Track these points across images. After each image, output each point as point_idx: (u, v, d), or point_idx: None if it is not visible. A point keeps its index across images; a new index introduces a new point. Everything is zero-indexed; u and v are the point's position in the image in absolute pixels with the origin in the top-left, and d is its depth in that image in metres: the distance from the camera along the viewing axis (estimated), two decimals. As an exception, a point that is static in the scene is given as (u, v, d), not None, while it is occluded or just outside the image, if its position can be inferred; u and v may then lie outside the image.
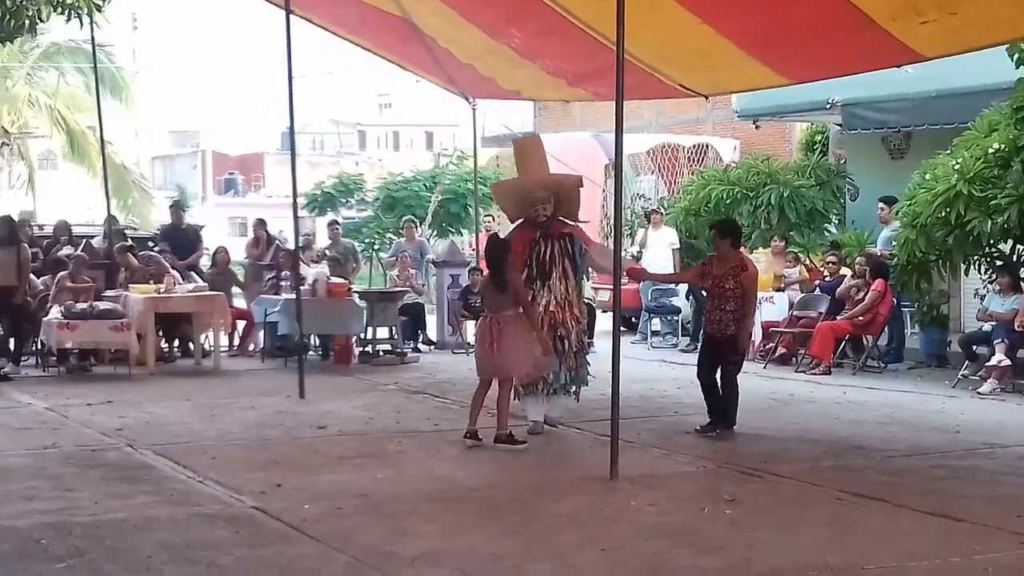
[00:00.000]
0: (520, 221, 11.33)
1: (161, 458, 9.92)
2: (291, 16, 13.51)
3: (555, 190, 11.18)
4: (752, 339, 17.26)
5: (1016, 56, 14.09)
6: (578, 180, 11.71)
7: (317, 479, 9.09)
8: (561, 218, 11.19)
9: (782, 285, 18.02)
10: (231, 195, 72.77)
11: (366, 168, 53.79)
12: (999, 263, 15.07)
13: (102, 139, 20.54)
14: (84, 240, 18.32)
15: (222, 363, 16.53)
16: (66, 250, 17.68)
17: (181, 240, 18.83)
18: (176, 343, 17.67)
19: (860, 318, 15.95)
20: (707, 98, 15.18)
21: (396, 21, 14.98)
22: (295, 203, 14.37)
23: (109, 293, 16.53)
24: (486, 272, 11.39)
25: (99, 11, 16.47)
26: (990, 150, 14.31)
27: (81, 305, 15.49)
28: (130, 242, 18.47)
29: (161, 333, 17.02)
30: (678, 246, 20.04)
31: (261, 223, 20.03)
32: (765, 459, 9.93)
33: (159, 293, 16.20)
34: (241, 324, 18.32)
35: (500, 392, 10.67)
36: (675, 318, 19.56)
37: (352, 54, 17.95)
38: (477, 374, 10.93)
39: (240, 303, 18.78)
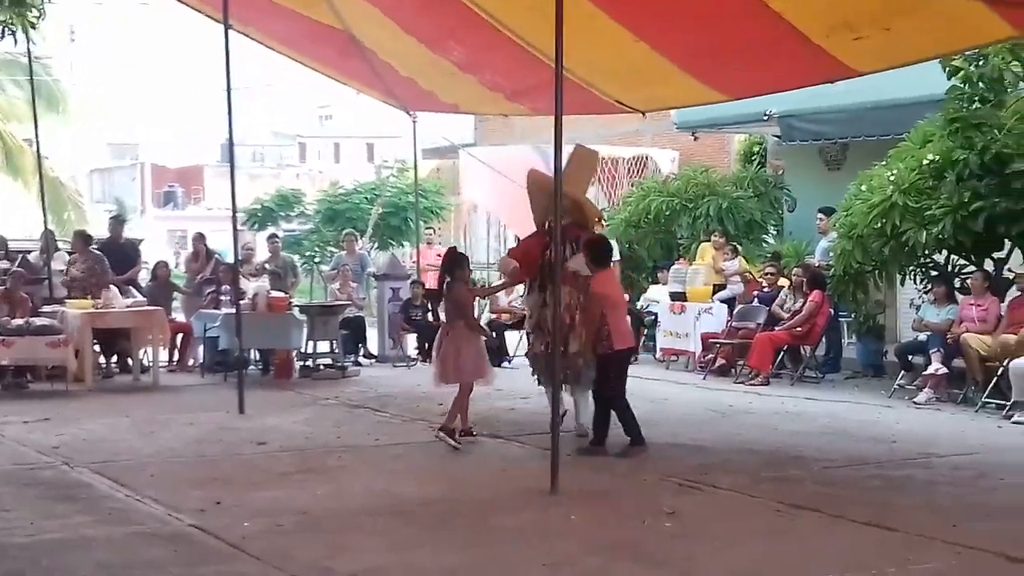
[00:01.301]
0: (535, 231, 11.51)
1: (99, 476, 9.81)
2: (230, 30, 13.44)
3: (578, 207, 11.23)
4: (692, 351, 17.45)
5: (948, 70, 14.27)
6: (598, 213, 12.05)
7: (257, 496, 9.02)
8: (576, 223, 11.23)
9: (723, 280, 18.10)
10: (171, 208, 72.29)
11: (307, 180, 53.72)
12: (934, 273, 15.22)
13: (39, 153, 20.36)
14: (20, 255, 18.13)
15: (161, 378, 16.40)
16: (2, 265, 17.48)
17: (119, 254, 18.65)
18: (114, 359, 17.51)
19: (798, 329, 16.07)
20: (644, 114, 15.22)
21: (336, 34, 14.93)
22: (234, 217, 14.29)
23: (46, 309, 16.34)
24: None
25: (33, 28, 16.31)
26: (924, 162, 14.46)
27: (17, 321, 15.32)
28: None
29: (99, 349, 16.86)
30: (618, 258, 20.03)
31: (201, 237, 19.90)
32: (705, 471, 9.96)
33: (97, 308, 16.05)
34: (180, 337, 18.17)
35: (459, 392, 11.23)
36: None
37: (292, 66, 17.86)
38: (450, 383, 11.39)
39: (179, 317, 18.65)
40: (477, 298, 12.76)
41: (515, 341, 18.21)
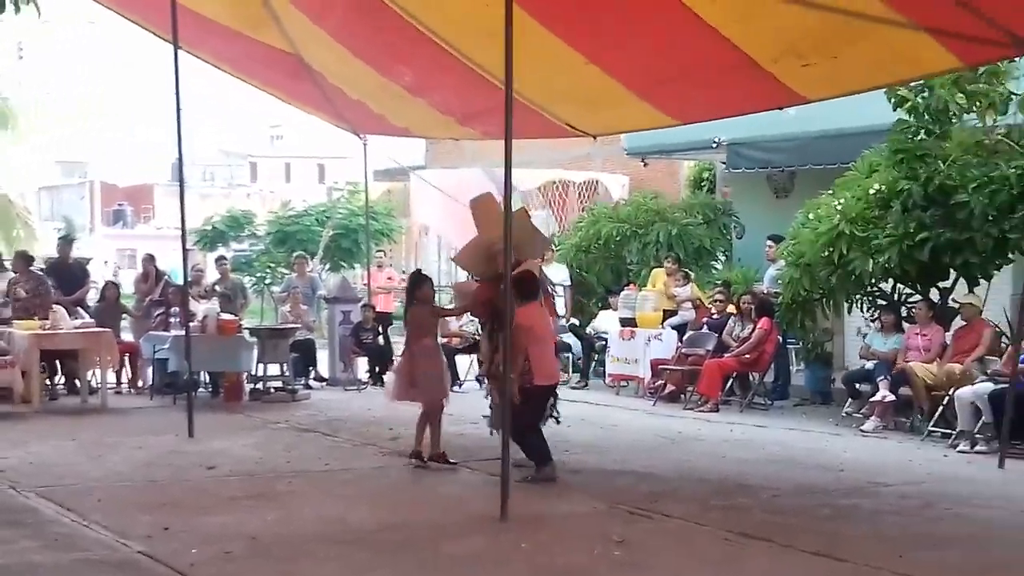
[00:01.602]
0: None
1: (45, 500, 9.69)
2: (179, 50, 13.37)
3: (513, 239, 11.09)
4: (642, 377, 17.47)
5: (893, 100, 14.39)
6: (522, 212, 11.82)
7: (206, 521, 8.94)
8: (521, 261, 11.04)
9: (675, 306, 18.14)
10: (120, 227, 71.84)
11: (257, 201, 53.51)
12: (881, 302, 15.31)
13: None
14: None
15: (109, 400, 16.25)
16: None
17: (68, 275, 18.49)
18: (62, 380, 17.34)
19: (747, 356, 16.12)
20: (595, 138, 15.26)
21: (285, 57, 14.90)
22: (184, 237, 14.20)
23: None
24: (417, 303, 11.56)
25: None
26: (871, 191, 14.55)
27: (-36, 342, 15.16)
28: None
29: (46, 370, 16.68)
30: (569, 282, 20.11)
31: (150, 258, 19.77)
32: (655, 499, 9.96)
33: (44, 329, 15.89)
34: (129, 360, 18.01)
35: (430, 419, 11.29)
36: (566, 355, 19.59)
37: (242, 86, 17.80)
38: (406, 399, 11.52)
39: (128, 337, 18.51)
40: (440, 319, 12.69)
41: (465, 366, 18.17)
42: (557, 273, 20.10)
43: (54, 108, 76.22)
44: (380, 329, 19.26)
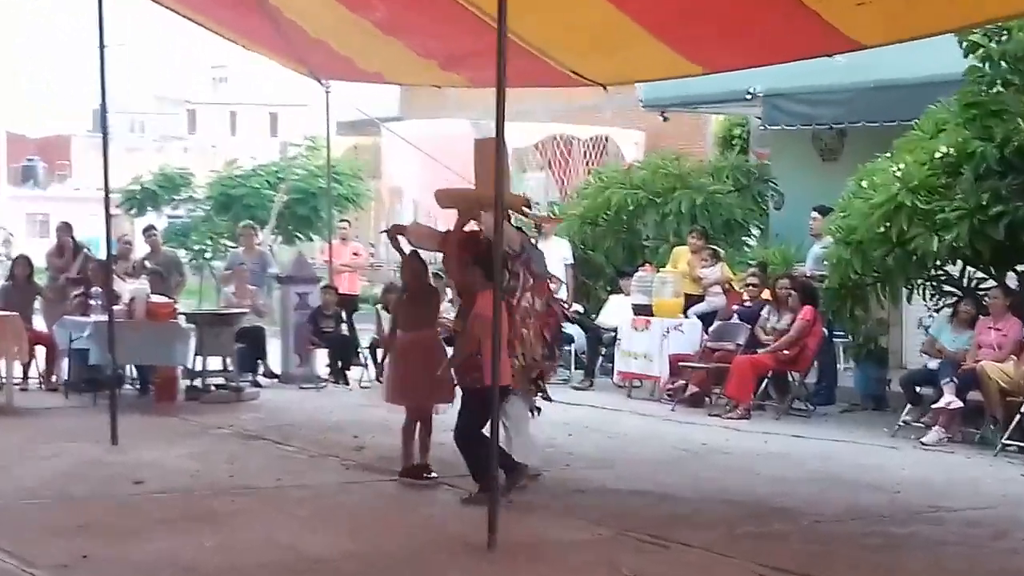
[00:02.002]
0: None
1: (-63, 521, 9.74)
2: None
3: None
4: (658, 376, 17.49)
5: (965, 46, 14.38)
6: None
7: (133, 548, 8.95)
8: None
9: (700, 290, 18.15)
10: (30, 186, 71.80)
11: (197, 157, 53.46)
12: (947, 288, 15.33)
13: None
14: None
15: (16, 399, 16.27)
16: None
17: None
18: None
19: (785, 352, 16.14)
20: (605, 88, 15.25)
21: (231, -14, 14.89)
22: (107, 200, 14.15)
23: None
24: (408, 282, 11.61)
25: None
26: (937, 155, 14.54)
27: None
28: None
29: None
30: (571, 261, 20.05)
31: (67, 227, 19.75)
32: (671, 524, 9.98)
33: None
34: (41, 352, 18.02)
35: (423, 427, 11.37)
36: (567, 348, 19.62)
37: (180, 21, 17.72)
38: (394, 402, 11.50)
39: (40, 325, 18.50)
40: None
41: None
42: (557, 250, 19.95)
43: (-49, 43, 76.01)
44: (343, 316, 19.27)
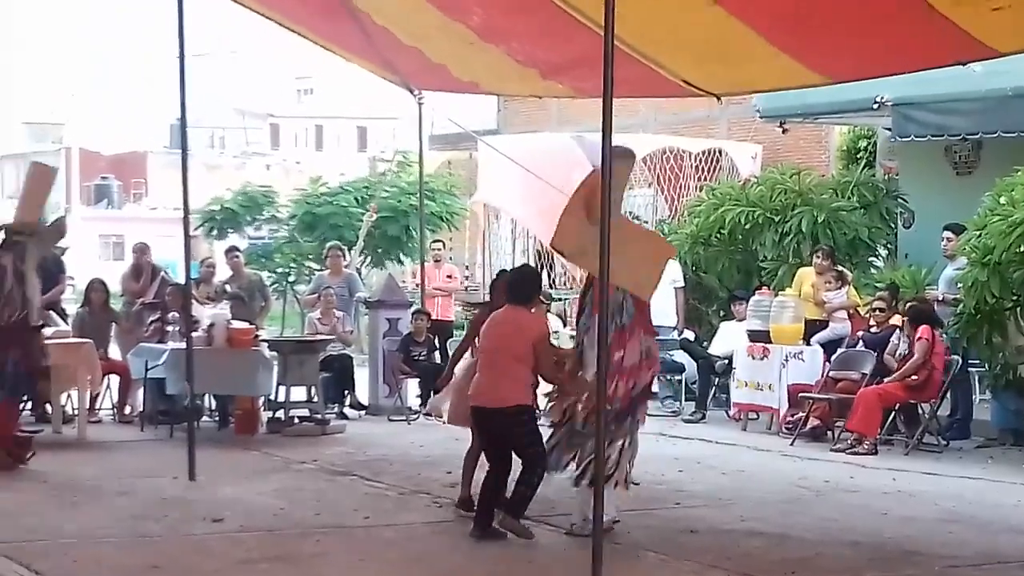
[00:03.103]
0: None
1: (6, 560, 9.80)
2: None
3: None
4: (777, 408, 17.40)
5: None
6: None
7: (211, 591, 9.04)
8: None
9: (823, 315, 18.03)
10: (103, 206, 72.60)
11: (280, 174, 53.89)
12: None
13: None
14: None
15: (89, 432, 16.43)
16: None
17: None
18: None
19: (913, 376, 15.97)
20: (719, 99, 15.24)
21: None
22: (186, 220, 14.30)
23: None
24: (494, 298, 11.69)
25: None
26: (1082, 167, 14.43)
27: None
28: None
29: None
30: (682, 284, 20.02)
31: (143, 248, 19.91)
32: (792, 567, 9.95)
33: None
34: (115, 381, 18.19)
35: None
36: (677, 378, 19.57)
37: (263, 27, 17.88)
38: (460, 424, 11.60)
39: (114, 353, 18.67)
40: None
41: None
42: (666, 272, 19.94)
43: (23, 56, 77.20)
44: (436, 343, 19.30)
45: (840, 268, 18.50)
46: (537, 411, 11.16)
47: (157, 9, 17.86)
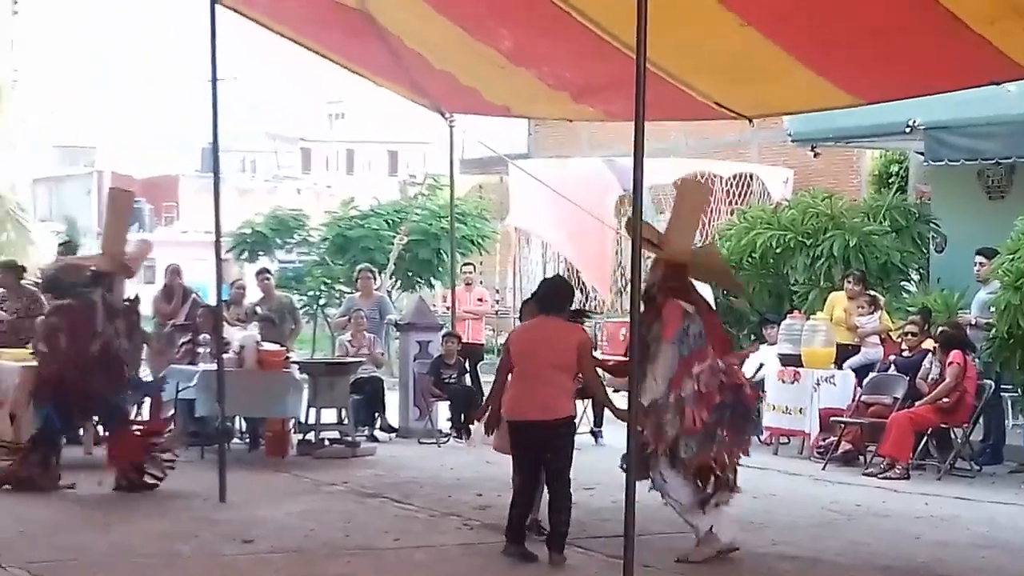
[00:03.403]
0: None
1: (38, 581, 9.87)
2: (216, 5, 13.57)
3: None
4: (808, 432, 17.36)
5: None
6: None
7: (241, 611, 9.05)
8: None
9: (855, 340, 17.99)
10: (135, 230, 72.70)
11: (311, 197, 53.99)
12: None
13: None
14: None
15: (120, 452, 16.43)
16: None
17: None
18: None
19: (945, 400, 15.92)
20: (751, 121, 15.22)
21: (350, 14, 15.01)
22: (218, 243, 14.35)
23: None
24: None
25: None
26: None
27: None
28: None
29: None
30: (713, 307, 19.97)
31: (176, 270, 19.98)
32: (824, 592, 9.92)
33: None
34: (146, 403, 18.21)
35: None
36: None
37: (294, 52, 17.96)
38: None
39: (146, 373, 18.71)
40: None
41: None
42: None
43: (55, 79, 77.53)
44: (467, 366, 19.29)
45: (872, 292, 18.46)
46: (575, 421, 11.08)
47: (190, 32, 17.89)
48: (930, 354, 16.57)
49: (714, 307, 19.56)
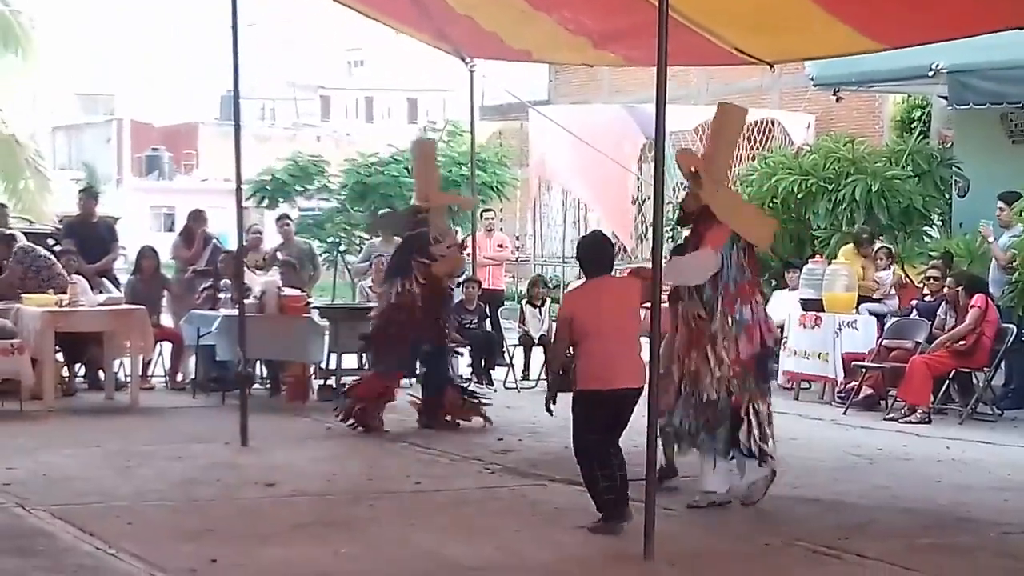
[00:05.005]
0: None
1: (61, 522, 9.90)
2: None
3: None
4: (830, 377, 17.35)
5: None
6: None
7: (263, 553, 9.08)
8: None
9: (874, 293, 17.97)
10: (155, 177, 72.81)
11: (330, 144, 53.91)
12: None
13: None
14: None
15: (142, 398, 16.50)
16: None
17: (91, 237, 18.74)
18: (82, 371, 17.64)
19: (961, 342, 15.88)
20: (772, 67, 15.17)
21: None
22: (239, 190, 14.35)
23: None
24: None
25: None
26: None
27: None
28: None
29: (63, 358, 16.98)
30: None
31: (197, 216, 19.95)
32: (845, 534, 9.94)
33: (60, 306, 16.14)
34: (167, 348, 18.27)
35: None
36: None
37: (314, 0, 17.95)
38: None
39: (166, 320, 18.75)
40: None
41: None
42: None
43: (76, 27, 77.40)
44: (487, 311, 19.30)
45: (887, 245, 18.43)
46: None
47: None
48: (944, 303, 16.52)
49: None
